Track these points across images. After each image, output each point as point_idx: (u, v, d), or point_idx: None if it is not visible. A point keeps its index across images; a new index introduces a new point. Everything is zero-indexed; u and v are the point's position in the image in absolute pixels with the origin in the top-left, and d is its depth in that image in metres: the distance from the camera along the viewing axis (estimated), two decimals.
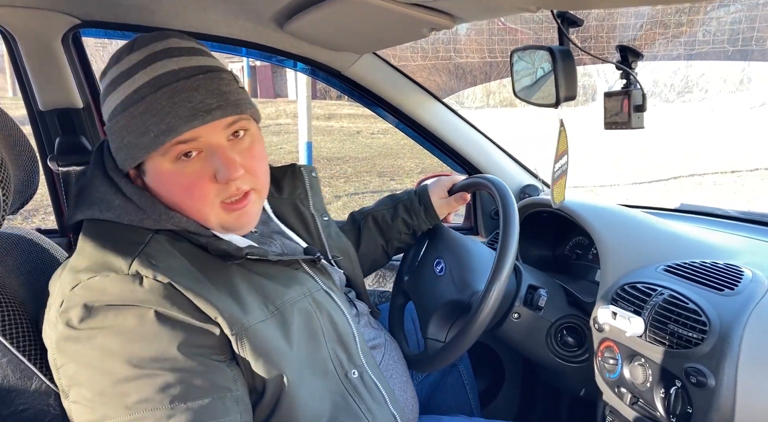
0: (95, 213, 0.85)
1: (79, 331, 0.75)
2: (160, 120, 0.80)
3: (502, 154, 1.76)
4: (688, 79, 12.39)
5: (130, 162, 0.85)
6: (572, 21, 0.95)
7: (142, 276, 0.77)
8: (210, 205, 0.86)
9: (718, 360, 0.91)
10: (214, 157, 0.84)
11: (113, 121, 0.84)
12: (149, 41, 0.85)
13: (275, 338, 0.84)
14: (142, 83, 0.82)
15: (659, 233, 1.30)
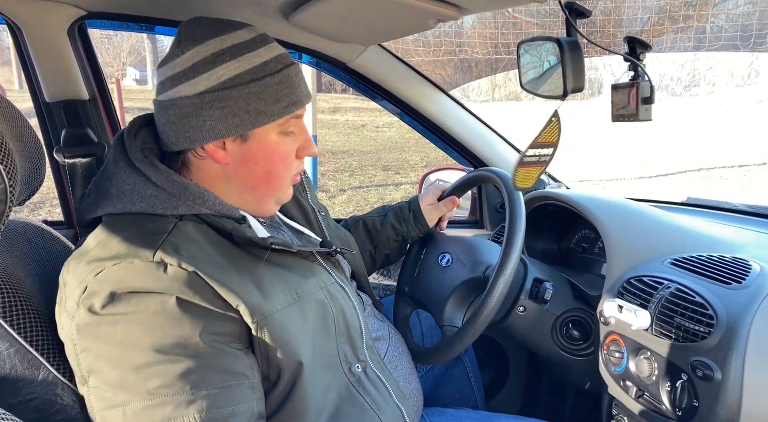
0: (126, 205, 0.85)
1: (101, 317, 0.76)
2: (292, 92, 0.91)
3: (508, 146, 1.75)
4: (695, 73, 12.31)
5: (243, 128, 0.89)
6: (580, 12, 0.93)
7: (167, 264, 0.78)
8: (290, 175, 0.99)
9: (725, 353, 0.91)
10: (301, 136, 0.97)
11: (237, 89, 0.87)
12: (243, 23, 0.92)
13: (295, 326, 0.86)
14: (271, 57, 0.90)
15: (666, 226, 1.29)
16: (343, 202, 6.60)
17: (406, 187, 7.29)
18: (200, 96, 0.87)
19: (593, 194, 1.39)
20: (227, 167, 0.93)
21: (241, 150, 0.91)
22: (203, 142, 0.89)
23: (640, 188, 6.93)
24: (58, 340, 0.85)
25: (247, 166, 0.93)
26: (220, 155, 0.91)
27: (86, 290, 0.77)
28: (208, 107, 0.87)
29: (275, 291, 0.86)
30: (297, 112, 0.93)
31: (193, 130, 0.88)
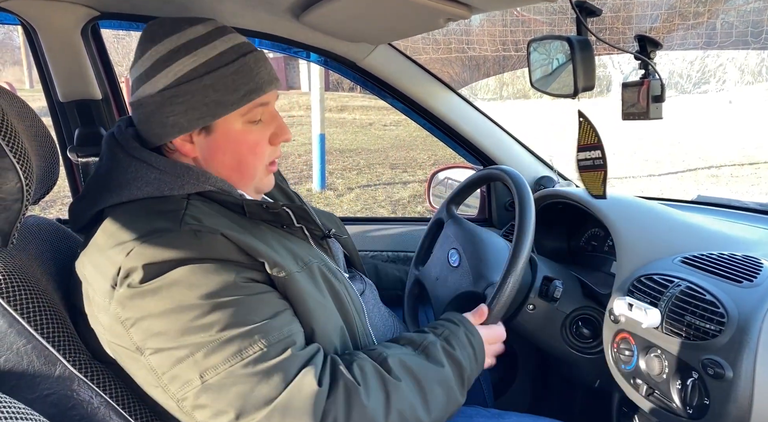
0: (132, 192, 0.88)
1: (143, 288, 0.78)
2: (250, 79, 0.91)
3: (517, 145, 1.75)
4: (705, 70, 12.22)
5: (203, 121, 0.90)
6: (590, 11, 0.94)
7: (195, 231, 0.82)
8: (263, 164, 0.99)
9: (737, 352, 0.90)
10: (273, 122, 0.98)
11: (192, 82, 0.89)
12: (202, 19, 0.93)
13: (309, 287, 0.90)
14: (226, 48, 0.91)
15: (676, 224, 1.29)
16: (351, 201, 6.61)
17: (414, 185, 7.29)
18: (160, 93, 0.89)
19: None
20: (197, 160, 0.95)
21: (207, 142, 0.93)
22: (170, 138, 0.92)
23: (649, 186, 6.89)
24: (75, 336, 0.87)
25: (216, 157, 0.95)
26: (187, 148, 0.93)
27: (120, 270, 0.79)
28: (168, 103, 0.89)
29: (287, 255, 0.90)
30: (259, 99, 0.93)
31: (159, 127, 0.91)
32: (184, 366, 0.77)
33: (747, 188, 6.48)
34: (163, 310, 0.77)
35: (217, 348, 0.76)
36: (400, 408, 0.84)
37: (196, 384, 0.76)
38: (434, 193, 1.96)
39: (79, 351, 0.86)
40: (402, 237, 1.85)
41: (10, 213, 0.76)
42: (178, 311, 0.77)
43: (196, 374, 0.76)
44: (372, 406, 0.81)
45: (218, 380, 0.76)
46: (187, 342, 0.76)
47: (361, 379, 0.83)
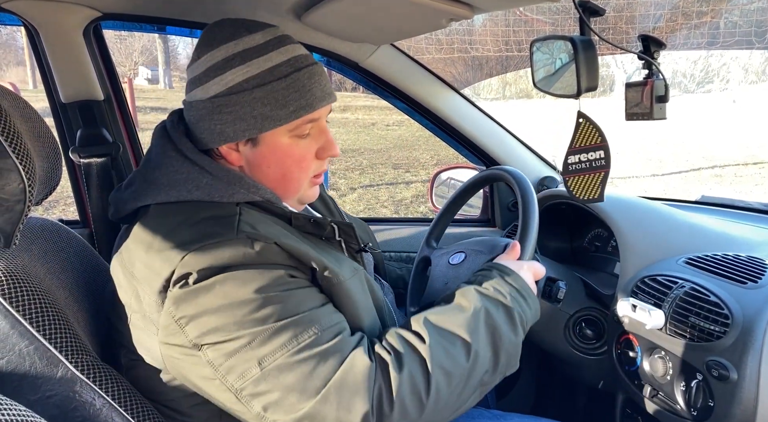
0: (181, 193, 0.88)
1: (196, 287, 0.79)
2: (301, 96, 0.90)
3: (521, 145, 1.75)
4: (708, 69, 12.19)
5: (249, 133, 0.90)
6: (593, 10, 0.93)
7: (252, 240, 0.82)
8: (307, 177, 0.98)
9: (741, 353, 0.90)
10: (321, 136, 0.97)
11: (242, 94, 0.88)
12: (264, 26, 0.92)
13: (360, 292, 0.92)
14: (281, 61, 0.90)
15: (680, 225, 1.28)
16: (353, 201, 6.61)
17: (417, 185, 7.28)
18: (211, 100, 0.89)
19: (606, 192, 1.38)
20: (242, 169, 0.95)
21: (253, 153, 0.93)
22: (216, 144, 0.92)
23: (653, 186, 6.87)
24: (77, 337, 0.87)
25: (261, 169, 0.94)
26: (234, 157, 0.93)
27: (174, 273, 0.79)
28: (218, 111, 0.89)
29: (336, 263, 0.91)
30: (308, 116, 0.92)
31: (206, 133, 0.91)
32: (241, 357, 0.77)
33: (751, 188, 6.46)
34: (217, 306, 0.78)
35: (272, 336, 0.78)
36: (440, 364, 0.83)
37: (255, 373, 0.77)
38: (437, 193, 1.96)
39: (83, 352, 0.86)
40: (405, 237, 1.85)
41: (12, 214, 0.76)
42: (231, 307, 0.78)
43: (254, 362, 0.77)
44: (409, 372, 0.81)
45: (275, 366, 0.77)
46: (243, 334, 0.77)
47: (393, 351, 0.84)
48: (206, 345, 0.79)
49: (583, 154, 0.97)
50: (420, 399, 0.80)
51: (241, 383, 0.78)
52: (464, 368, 0.85)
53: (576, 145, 0.97)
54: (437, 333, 0.86)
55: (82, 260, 1.07)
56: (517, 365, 0.93)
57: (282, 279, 0.82)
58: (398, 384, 0.79)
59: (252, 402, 0.78)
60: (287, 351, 0.77)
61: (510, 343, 0.91)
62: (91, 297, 1.01)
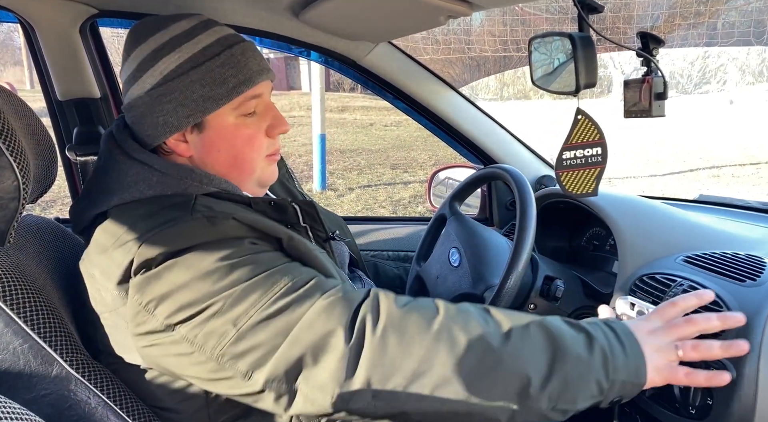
0: (134, 194, 0.87)
1: (158, 269, 0.77)
2: (238, 71, 0.89)
3: (519, 144, 1.74)
4: (705, 70, 12.21)
5: (194, 117, 0.89)
6: (592, 7, 0.93)
7: (207, 217, 0.81)
8: (261, 156, 0.96)
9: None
10: (268, 114, 0.95)
11: (178, 79, 0.87)
12: (186, 15, 0.91)
13: (329, 264, 0.89)
14: (211, 41, 0.89)
15: (678, 223, 1.28)
16: (351, 201, 6.60)
17: (415, 185, 7.28)
18: (149, 93, 0.88)
19: (604, 191, 1.38)
20: (193, 159, 0.93)
21: (201, 139, 0.92)
22: (163, 138, 0.90)
23: (651, 186, 6.88)
24: (72, 336, 0.86)
25: (211, 154, 0.93)
26: (182, 148, 0.92)
27: (133, 261, 0.77)
28: (157, 102, 0.88)
29: (303, 237, 0.89)
30: (250, 91, 0.91)
31: (151, 128, 0.90)
32: (215, 323, 0.74)
33: (748, 188, 6.47)
34: (182, 283, 0.75)
35: (243, 295, 0.74)
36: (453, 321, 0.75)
37: (232, 334, 0.73)
38: (435, 193, 1.96)
39: (77, 350, 0.85)
40: (402, 236, 1.85)
41: (6, 211, 0.75)
42: (197, 280, 0.75)
43: (230, 325, 0.73)
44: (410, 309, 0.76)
45: (252, 323, 0.73)
46: (213, 301, 0.74)
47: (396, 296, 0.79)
48: (178, 322, 0.76)
49: (579, 150, 0.97)
50: (411, 342, 0.71)
51: (221, 348, 0.74)
52: (496, 346, 0.72)
53: (572, 141, 0.97)
54: (467, 310, 0.79)
55: (78, 259, 1.06)
56: (578, 404, 0.74)
57: (245, 248, 0.80)
58: (391, 315, 0.73)
59: (236, 365, 0.74)
60: (261, 305, 0.74)
61: (575, 361, 0.73)
62: (86, 295, 1.00)
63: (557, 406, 0.73)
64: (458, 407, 0.71)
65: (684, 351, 0.80)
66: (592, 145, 0.96)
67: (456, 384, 0.70)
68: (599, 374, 0.74)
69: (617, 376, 0.75)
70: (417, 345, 0.72)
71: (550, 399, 0.72)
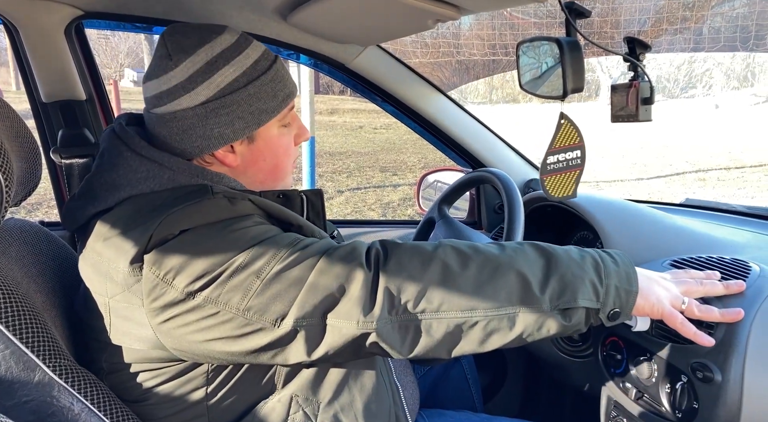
0: (144, 189, 0.86)
1: (176, 241, 0.78)
2: (284, 85, 0.95)
3: (507, 148, 1.75)
4: (691, 75, 12.35)
5: (249, 129, 0.92)
6: (580, 12, 0.93)
7: (227, 197, 0.84)
8: (292, 163, 1.03)
9: (725, 355, 0.90)
10: (295, 123, 1.01)
11: (237, 93, 0.89)
12: (221, 27, 0.93)
13: None
14: (258, 56, 0.92)
15: (665, 227, 1.29)
16: (341, 204, 6.59)
17: (404, 188, 7.29)
18: (203, 106, 0.88)
19: (592, 195, 1.39)
20: (237, 168, 0.95)
21: (250, 150, 0.95)
22: (213, 149, 0.91)
23: (638, 190, 6.94)
24: (55, 341, 0.85)
25: (257, 164, 0.96)
26: (230, 159, 0.94)
27: (151, 237, 0.78)
28: (213, 115, 0.89)
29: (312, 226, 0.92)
30: (291, 103, 0.97)
31: (201, 140, 0.90)
32: (237, 278, 0.77)
33: (734, 192, 6.54)
34: (200, 252, 0.77)
35: (263, 250, 0.78)
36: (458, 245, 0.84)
37: (256, 287, 0.77)
38: (424, 196, 1.96)
39: (61, 356, 0.84)
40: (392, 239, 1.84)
41: None
42: (215, 248, 0.78)
43: (253, 278, 0.77)
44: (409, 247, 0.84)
45: (275, 272, 0.77)
46: (232, 261, 0.77)
47: None
48: (199, 288, 0.77)
49: (562, 154, 0.97)
50: (427, 259, 0.80)
51: (247, 301, 0.77)
52: (493, 255, 0.82)
53: (556, 146, 0.97)
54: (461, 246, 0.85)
55: (62, 263, 1.05)
56: (579, 302, 0.80)
57: (261, 222, 0.85)
58: (402, 248, 0.82)
59: (265, 315, 0.77)
60: (281, 257, 0.78)
61: (568, 263, 0.82)
62: (71, 300, 0.99)
63: (560, 305, 0.80)
64: (470, 317, 0.78)
65: (688, 306, 0.89)
66: (572, 148, 0.97)
67: (463, 292, 0.79)
68: (592, 275, 0.82)
69: (610, 281, 0.83)
70: (424, 265, 0.80)
71: (551, 299, 0.80)
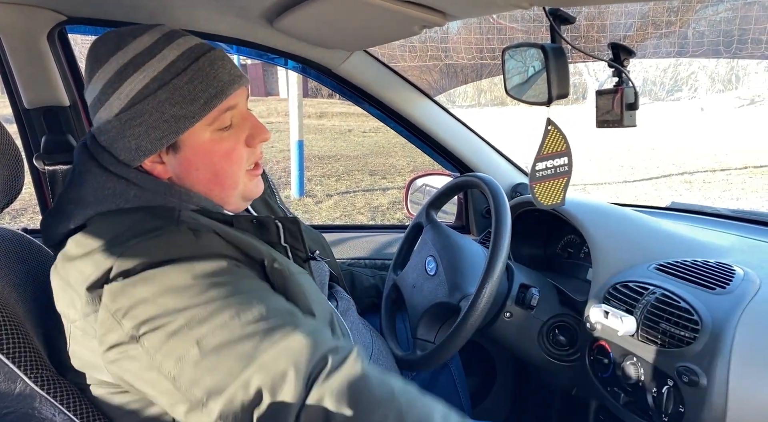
0: (111, 207, 0.84)
1: (135, 278, 0.74)
2: (208, 85, 0.84)
3: (494, 152, 1.75)
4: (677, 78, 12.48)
5: (167, 139, 0.85)
6: (564, 18, 0.94)
7: (192, 229, 0.79)
8: (242, 170, 0.92)
9: (710, 359, 0.91)
10: (245, 123, 0.91)
11: (146, 101, 0.83)
12: (147, 28, 0.87)
13: (310, 285, 0.88)
14: (176, 56, 0.84)
15: (651, 231, 1.30)
16: (330, 208, 6.58)
17: (393, 191, 7.29)
18: (117, 117, 0.84)
19: (578, 199, 1.39)
20: (172, 180, 0.90)
21: (177, 160, 0.88)
22: (138, 161, 0.87)
23: (624, 192, 6.99)
24: (38, 351, 0.83)
25: (191, 174, 0.89)
26: (159, 170, 0.89)
27: (112, 269, 0.74)
28: (128, 126, 0.84)
29: (283, 259, 0.87)
30: (223, 104, 0.86)
31: (124, 152, 0.87)
32: (180, 337, 0.71)
33: (719, 193, 6.60)
34: (156, 294, 0.72)
35: (213, 314, 0.71)
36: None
37: (194, 353, 0.70)
38: (412, 200, 1.96)
39: (42, 367, 0.83)
40: (381, 244, 1.84)
41: None
42: (171, 292, 0.72)
43: (193, 342, 0.70)
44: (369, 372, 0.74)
45: (215, 344, 0.70)
46: (183, 316, 0.71)
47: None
48: (144, 333, 0.72)
49: (550, 161, 0.98)
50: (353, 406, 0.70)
51: (179, 368, 0.70)
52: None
53: (544, 152, 0.98)
54: None
55: (46, 271, 1.03)
56: None
57: (226, 269, 0.77)
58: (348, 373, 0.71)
59: (193, 391, 0.69)
60: (229, 328, 0.71)
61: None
62: (53, 309, 0.98)
63: None
64: None
65: None
66: (559, 155, 0.97)
67: None
68: None
69: None
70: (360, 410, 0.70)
71: None
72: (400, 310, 1.41)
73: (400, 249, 1.45)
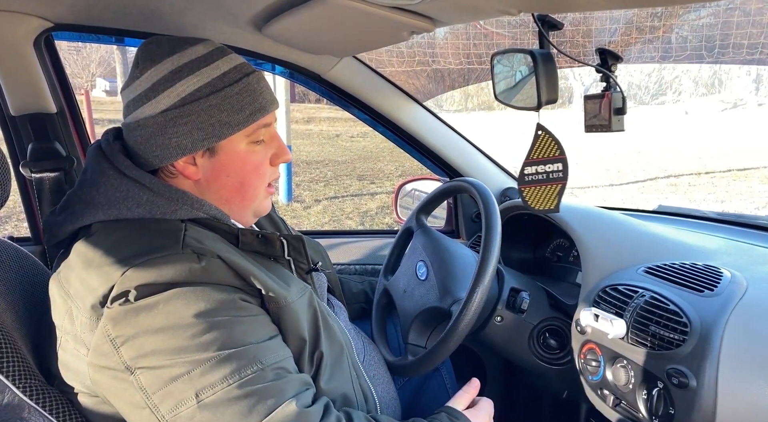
0: (121, 211, 0.85)
1: (138, 304, 0.75)
2: (254, 99, 0.91)
3: (483, 156, 1.76)
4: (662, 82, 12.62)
5: (209, 141, 0.88)
6: (552, 24, 0.95)
7: (198, 254, 0.80)
8: (264, 184, 0.98)
9: (699, 361, 0.92)
10: (273, 142, 0.97)
11: (197, 103, 0.87)
12: (199, 40, 0.92)
13: (304, 316, 0.89)
14: (229, 68, 0.90)
15: (639, 235, 1.31)
16: (318, 213, 6.57)
17: (382, 196, 7.29)
18: (163, 114, 0.87)
19: (567, 203, 1.40)
20: (200, 182, 0.93)
21: (212, 163, 0.92)
22: (172, 160, 0.89)
23: (611, 195, 7.04)
24: (26, 360, 0.83)
25: (220, 179, 0.93)
26: (190, 171, 0.91)
27: (113, 288, 0.75)
28: (172, 124, 0.87)
29: (288, 282, 0.89)
30: (263, 120, 0.93)
31: (160, 149, 0.88)
32: (178, 386, 0.74)
33: (704, 196, 6.68)
34: (158, 328, 0.75)
35: (214, 367, 0.74)
36: None
37: (191, 404, 0.73)
38: (401, 205, 1.96)
39: (31, 376, 0.82)
40: (370, 249, 1.84)
41: None
42: (174, 329, 0.75)
43: (192, 392, 0.73)
44: None
45: (214, 399, 0.73)
46: (183, 360, 0.74)
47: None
48: (141, 368, 0.75)
49: (541, 166, 0.98)
50: None
51: (175, 413, 0.74)
52: None
53: (533, 157, 0.98)
54: None
55: (33, 279, 1.03)
56: None
57: (232, 304, 0.80)
58: None
59: None
60: (227, 384, 0.74)
61: None
62: (41, 317, 0.97)
63: None
64: None
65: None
66: (552, 161, 0.97)
67: None
68: None
69: None
70: None
71: None
72: (391, 315, 1.41)
73: (390, 254, 1.45)
